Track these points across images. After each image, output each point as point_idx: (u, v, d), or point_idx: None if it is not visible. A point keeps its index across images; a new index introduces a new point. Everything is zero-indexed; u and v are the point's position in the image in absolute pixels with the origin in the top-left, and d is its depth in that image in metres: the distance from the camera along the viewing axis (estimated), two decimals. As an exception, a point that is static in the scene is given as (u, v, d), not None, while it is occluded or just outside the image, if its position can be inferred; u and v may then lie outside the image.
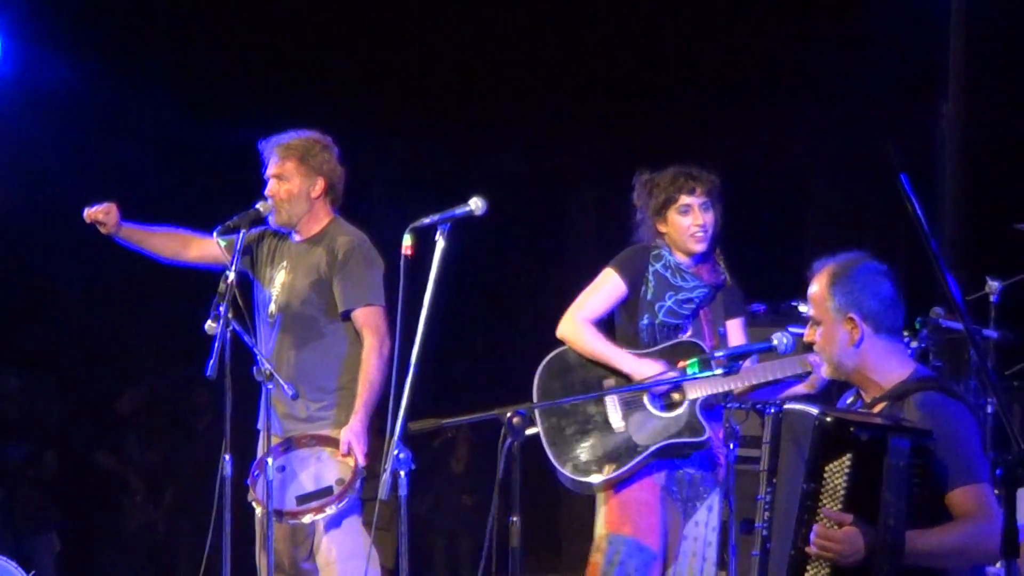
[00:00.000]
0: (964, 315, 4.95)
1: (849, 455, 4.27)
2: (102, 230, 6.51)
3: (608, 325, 6.28)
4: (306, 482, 6.18)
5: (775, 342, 5.17)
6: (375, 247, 6.42)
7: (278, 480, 6.13)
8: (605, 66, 9.62)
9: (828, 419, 4.31)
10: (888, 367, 4.50)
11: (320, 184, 6.40)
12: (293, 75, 9.36)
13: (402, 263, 5.32)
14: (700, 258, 6.15)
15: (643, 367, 6.00)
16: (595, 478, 6.06)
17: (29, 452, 9.56)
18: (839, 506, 4.29)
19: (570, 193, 10.69)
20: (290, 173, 6.38)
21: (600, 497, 6.13)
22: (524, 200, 9.49)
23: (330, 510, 6.12)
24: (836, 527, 4.28)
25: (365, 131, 8.27)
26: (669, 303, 6.13)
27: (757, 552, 4.46)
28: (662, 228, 6.17)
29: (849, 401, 4.65)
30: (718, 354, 5.22)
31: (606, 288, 6.21)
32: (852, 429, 4.30)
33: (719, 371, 5.19)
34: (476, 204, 5.35)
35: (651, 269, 6.15)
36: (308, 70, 9.37)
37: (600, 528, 6.09)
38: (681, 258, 6.15)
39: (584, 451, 6.10)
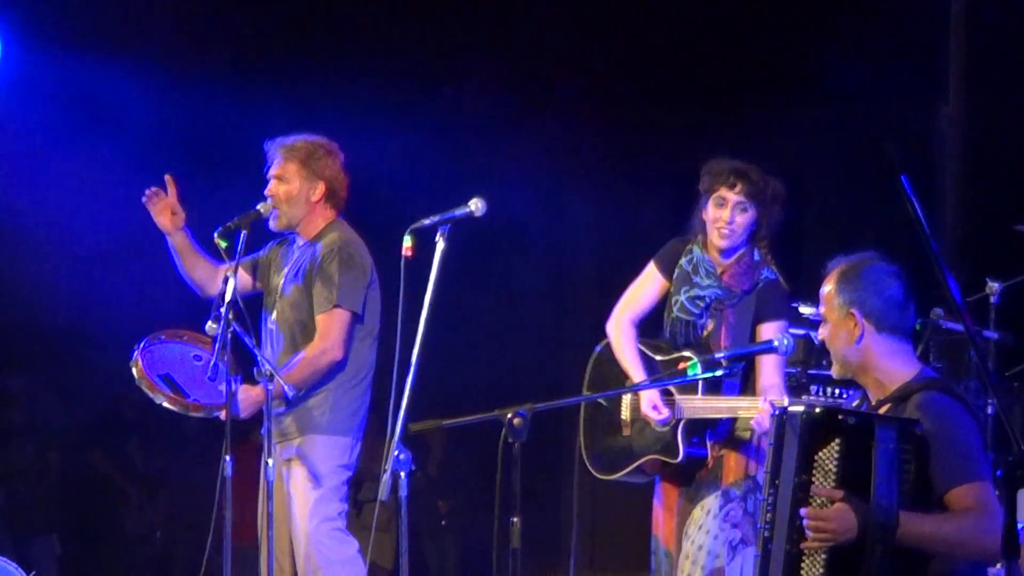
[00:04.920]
0: (964, 316, 4.95)
1: (838, 440, 4.34)
2: (164, 223, 6.46)
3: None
4: (185, 374, 6.23)
5: (776, 343, 5.18)
6: (374, 250, 6.41)
7: (172, 355, 6.23)
8: (604, 66, 9.62)
9: (816, 409, 4.40)
10: (892, 367, 4.52)
11: (320, 188, 6.40)
12: (295, 74, 9.36)
13: (402, 264, 5.33)
14: (728, 256, 5.98)
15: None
16: (602, 476, 6.11)
17: (32, 454, 9.56)
18: (831, 487, 4.33)
19: (570, 193, 10.69)
20: (291, 175, 6.39)
21: None
22: (524, 200, 9.49)
23: (157, 399, 6.19)
24: (829, 503, 4.30)
25: (366, 130, 8.27)
26: (682, 298, 6.01)
27: (758, 553, 4.47)
28: (704, 217, 6.02)
29: (855, 404, 4.66)
30: (718, 355, 5.21)
31: (644, 281, 6.16)
32: (839, 416, 4.37)
33: (719, 372, 5.20)
34: (476, 205, 5.36)
35: (681, 262, 6.05)
36: (310, 69, 9.37)
37: None
38: (710, 254, 6.00)
39: (602, 448, 6.12)
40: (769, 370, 5.87)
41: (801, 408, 4.43)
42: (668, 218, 6.22)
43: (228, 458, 5.90)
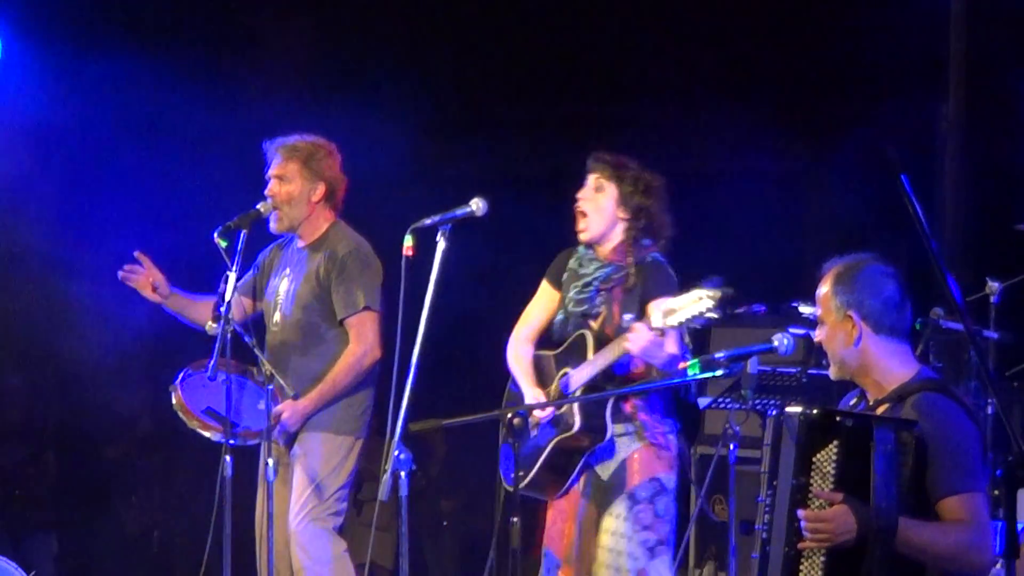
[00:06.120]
0: (964, 316, 4.96)
1: (836, 442, 4.31)
2: (151, 298, 6.47)
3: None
4: (222, 402, 6.16)
5: (776, 343, 5.17)
6: (375, 250, 6.42)
7: (206, 384, 6.13)
8: (605, 66, 9.62)
9: (814, 411, 4.36)
10: (890, 368, 4.51)
11: (321, 189, 6.41)
12: (297, 74, 9.36)
13: (403, 264, 5.33)
14: (601, 243, 5.94)
15: (530, 396, 5.88)
16: (510, 487, 5.81)
17: (30, 453, 9.56)
18: (830, 489, 4.32)
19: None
20: (292, 175, 6.40)
21: None
22: (524, 200, 9.49)
23: (212, 436, 6.14)
24: (827, 505, 4.29)
25: (366, 130, 8.27)
26: (572, 292, 5.96)
27: (756, 555, 4.46)
28: None
29: (852, 403, 4.65)
30: (718, 355, 5.20)
31: (537, 297, 6.14)
32: (837, 418, 4.35)
33: (719, 372, 5.19)
34: (477, 205, 5.37)
35: (569, 266, 6.02)
36: (312, 69, 9.37)
37: None
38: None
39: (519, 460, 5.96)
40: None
41: (798, 409, 4.41)
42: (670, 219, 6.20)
43: (228, 458, 5.91)
